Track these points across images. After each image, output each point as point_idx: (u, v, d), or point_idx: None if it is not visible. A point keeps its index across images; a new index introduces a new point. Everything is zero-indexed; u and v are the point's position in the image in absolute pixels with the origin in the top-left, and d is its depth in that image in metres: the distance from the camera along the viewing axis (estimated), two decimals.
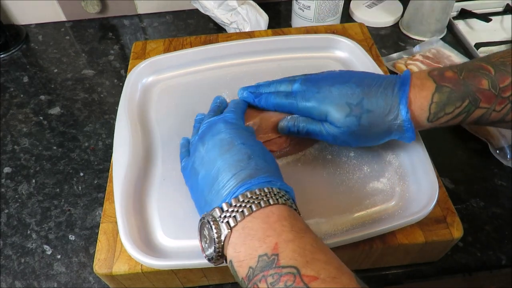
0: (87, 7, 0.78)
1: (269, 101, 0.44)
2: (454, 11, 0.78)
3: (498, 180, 0.53)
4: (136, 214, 0.41)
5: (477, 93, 0.36)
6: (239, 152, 0.34)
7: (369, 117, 0.38)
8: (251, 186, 0.32)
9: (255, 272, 0.28)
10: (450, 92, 0.37)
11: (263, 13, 0.74)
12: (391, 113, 0.38)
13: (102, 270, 0.39)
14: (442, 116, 0.38)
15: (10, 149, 0.61)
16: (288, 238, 0.29)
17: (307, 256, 0.28)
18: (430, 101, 0.37)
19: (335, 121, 0.40)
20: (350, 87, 0.40)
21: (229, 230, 0.30)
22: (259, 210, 0.30)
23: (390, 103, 0.38)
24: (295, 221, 0.30)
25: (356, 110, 0.39)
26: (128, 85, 0.52)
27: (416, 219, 0.39)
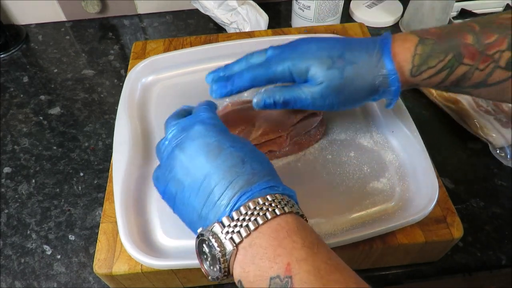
0: (87, 7, 0.78)
1: (243, 77, 0.39)
2: (454, 11, 0.78)
3: (498, 180, 0.53)
4: (136, 214, 0.41)
5: (461, 47, 0.35)
6: (231, 156, 0.30)
7: (353, 68, 0.36)
8: (252, 194, 0.29)
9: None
10: (433, 44, 0.36)
11: (263, 13, 0.74)
12: (375, 64, 0.36)
13: (102, 270, 0.39)
14: (425, 70, 0.36)
15: (10, 149, 0.61)
16: (301, 256, 0.26)
17: (323, 277, 0.25)
18: (413, 52, 0.36)
19: (316, 75, 0.37)
20: (329, 42, 0.38)
21: (235, 247, 0.28)
22: (266, 224, 0.28)
23: (373, 54, 0.37)
24: (305, 234, 0.28)
25: (339, 62, 0.37)
26: (128, 84, 0.52)
27: (416, 219, 0.39)
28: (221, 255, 0.28)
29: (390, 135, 0.47)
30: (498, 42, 0.35)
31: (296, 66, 0.38)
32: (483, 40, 0.35)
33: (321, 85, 0.37)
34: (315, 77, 0.37)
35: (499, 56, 0.35)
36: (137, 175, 0.44)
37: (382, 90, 0.38)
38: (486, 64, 0.35)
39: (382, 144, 0.47)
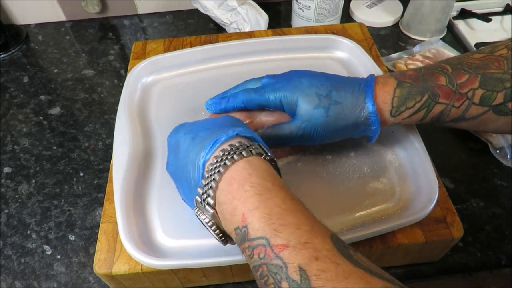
0: (87, 7, 0.78)
1: (237, 98, 0.43)
2: (454, 11, 0.78)
3: (498, 180, 0.54)
4: (136, 214, 0.41)
5: (435, 88, 0.38)
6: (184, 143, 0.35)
7: (337, 108, 0.39)
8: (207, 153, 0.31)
9: (239, 245, 0.29)
10: (410, 87, 0.38)
11: (263, 13, 0.74)
12: (358, 105, 0.39)
13: (102, 270, 0.39)
14: (404, 111, 0.39)
15: (10, 149, 0.61)
16: (253, 205, 0.28)
17: (274, 223, 0.27)
18: (392, 95, 0.39)
19: (304, 113, 0.39)
20: (319, 79, 0.41)
21: (214, 210, 0.30)
22: (222, 180, 0.30)
23: (357, 96, 0.39)
24: (258, 180, 0.29)
25: (325, 101, 0.39)
26: (128, 85, 0.52)
27: (416, 219, 0.39)
28: (208, 220, 0.31)
29: (390, 135, 0.47)
30: (469, 82, 0.37)
31: (286, 99, 0.40)
32: (455, 80, 0.38)
33: (307, 122, 0.40)
34: (303, 114, 0.40)
35: (472, 94, 0.37)
36: (137, 175, 0.44)
37: (363, 128, 0.40)
38: (461, 102, 0.38)
39: (382, 144, 0.47)
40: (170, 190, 0.44)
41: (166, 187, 0.44)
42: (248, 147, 0.31)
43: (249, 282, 0.46)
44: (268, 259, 0.25)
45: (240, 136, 0.32)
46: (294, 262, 0.25)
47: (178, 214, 0.42)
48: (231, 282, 0.45)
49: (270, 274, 0.25)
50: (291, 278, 0.24)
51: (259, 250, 0.26)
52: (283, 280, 0.24)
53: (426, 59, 0.66)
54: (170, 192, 0.43)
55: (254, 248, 0.26)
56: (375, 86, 0.39)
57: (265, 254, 0.26)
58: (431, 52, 0.68)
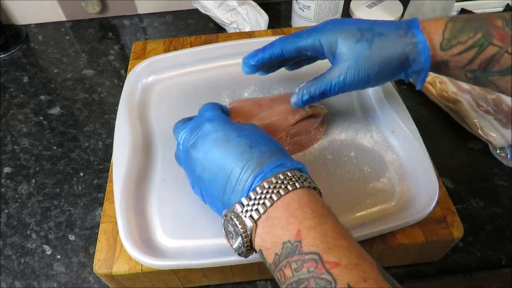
0: (87, 7, 0.78)
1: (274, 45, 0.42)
2: (454, 11, 0.78)
3: (498, 180, 0.54)
4: (136, 214, 0.41)
5: (490, 28, 0.36)
6: (239, 145, 0.33)
7: (381, 40, 0.37)
8: (264, 175, 0.31)
9: (281, 258, 0.29)
10: (464, 22, 0.37)
11: (263, 13, 0.74)
12: (404, 34, 0.37)
13: (102, 270, 0.39)
14: (455, 45, 0.37)
15: (10, 149, 0.61)
16: (310, 225, 0.29)
17: (329, 242, 0.28)
18: (443, 27, 0.37)
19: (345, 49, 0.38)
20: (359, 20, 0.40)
21: (254, 223, 0.30)
22: (280, 200, 0.30)
23: (402, 27, 0.38)
24: (316, 206, 0.31)
25: (367, 34, 0.38)
26: (128, 85, 0.52)
27: (416, 219, 0.39)
28: (243, 231, 0.31)
29: (390, 135, 0.47)
30: None
31: (326, 38, 0.39)
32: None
33: (350, 60, 0.38)
34: (345, 52, 0.38)
35: None
36: (137, 175, 0.44)
37: (412, 62, 0.38)
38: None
39: (382, 144, 0.47)
40: (170, 190, 0.44)
41: (166, 187, 0.44)
42: (307, 179, 0.33)
43: (249, 282, 0.46)
44: (318, 273, 0.26)
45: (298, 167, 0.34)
46: (344, 279, 0.26)
47: (178, 214, 0.42)
48: (231, 282, 0.45)
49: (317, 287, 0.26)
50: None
51: (310, 264, 0.27)
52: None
53: None
54: (170, 192, 0.44)
55: (305, 262, 0.27)
56: (422, 21, 0.38)
57: (315, 268, 0.27)
58: None
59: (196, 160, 0.35)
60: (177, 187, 0.44)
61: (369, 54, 0.37)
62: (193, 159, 0.35)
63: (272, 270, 0.30)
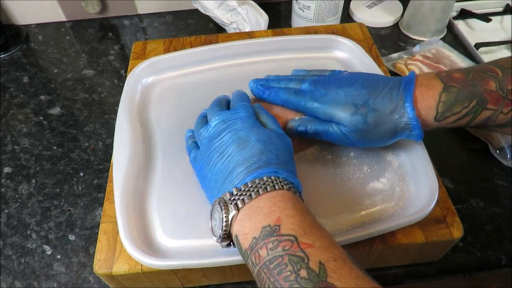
0: (87, 7, 0.78)
1: (278, 96, 0.45)
2: (454, 11, 0.78)
3: (498, 180, 0.54)
4: (136, 214, 0.41)
5: (484, 94, 0.37)
6: (253, 148, 0.36)
7: (375, 116, 0.39)
8: (259, 174, 0.34)
9: (258, 241, 0.31)
10: (457, 92, 0.37)
11: (263, 13, 0.74)
12: (396, 111, 0.38)
13: (102, 270, 0.39)
14: (450, 116, 0.38)
15: (10, 149, 0.61)
16: (290, 214, 0.32)
17: (305, 228, 0.31)
18: (437, 100, 0.38)
19: (341, 120, 0.41)
20: (356, 88, 0.41)
21: (237, 211, 0.33)
22: (266, 193, 0.33)
23: (395, 101, 0.39)
24: (298, 203, 0.33)
25: (362, 109, 0.39)
26: (128, 85, 0.52)
27: (416, 219, 0.39)
28: (225, 216, 0.33)
29: None
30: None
31: (322, 110, 0.42)
32: (505, 85, 0.37)
33: (346, 127, 0.41)
34: (340, 121, 0.41)
35: None
36: (137, 175, 0.44)
37: (405, 133, 0.40)
38: (510, 108, 0.37)
39: None
40: (170, 190, 0.44)
41: (166, 187, 0.44)
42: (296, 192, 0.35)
43: (249, 282, 0.46)
44: (293, 251, 0.29)
45: None
46: (316, 258, 0.28)
47: (178, 214, 0.42)
48: (231, 282, 0.45)
49: (291, 263, 0.28)
50: (311, 268, 0.28)
51: (285, 244, 0.29)
52: (302, 269, 0.28)
53: (426, 59, 0.66)
54: (170, 192, 0.44)
55: (281, 242, 0.30)
56: (416, 89, 0.38)
57: (290, 247, 0.29)
58: (431, 52, 0.68)
59: (217, 147, 0.38)
60: (177, 186, 0.44)
61: (363, 128, 0.40)
62: (214, 144, 0.38)
63: (247, 256, 0.31)
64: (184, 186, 0.43)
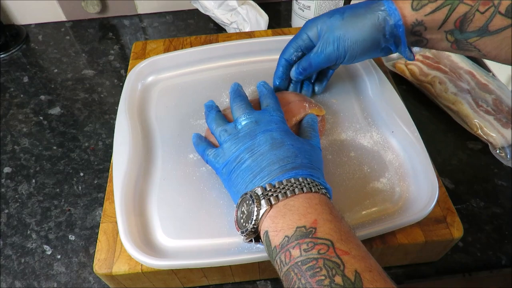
0: (87, 7, 0.78)
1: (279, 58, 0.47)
2: None
3: (498, 180, 0.54)
4: (136, 214, 0.41)
5: None
6: (288, 150, 0.36)
7: (352, 11, 0.41)
8: (295, 175, 0.34)
9: (290, 240, 0.30)
10: None
11: (263, 13, 0.74)
12: (374, 5, 0.40)
13: (102, 270, 0.39)
14: (426, 4, 0.38)
15: (10, 149, 0.61)
16: (328, 218, 0.31)
17: (342, 235, 0.30)
18: None
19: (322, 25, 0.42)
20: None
21: (269, 206, 0.32)
22: (301, 194, 0.32)
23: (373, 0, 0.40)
24: (334, 210, 0.33)
25: (340, 10, 0.42)
26: (128, 85, 0.52)
27: (416, 219, 0.39)
28: (256, 210, 0.32)
29: (390, 135, 0.47)
30: None
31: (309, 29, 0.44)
32: None
33: (326, 33, 0.42)
34: (322, 29, 0.42)
35: (499, 3, 0.36)
36: (137, 175, 0.44)
37: (387, 29, 0.40)
38: (486, 8, 0.36)
39: (382, 144, 0.47)
40: (170, 190, 0.44)
41: (166, 187, 0.44)
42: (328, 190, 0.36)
43: (249, 282, 0.46)
44: (329, 256, 0.28)
45: None
46: (352, 266, 0.28)
47: (178, 214, 0.42)
48: (231, 282, 0.45)
49: (325, 267, 0.28)
50: (346, 276, 0.27)
51: (321, 247, 0.29)
52: (337, 275, 0.27)
53: (426, 59, 0.66)
54: (170, 192, 0.44)
55: (317, 245, 0.29)
56: None
57: (326, 251, 0.28)
58: (431, 52, 0.68)
59: (248, 145, 0.37)
60: (177, 187, 0.44)
61: (341, 23, 0.41)
62: (244, 143, 0.38)
63: (276, 254, 0.30)
64: (184, 186, 0.43)
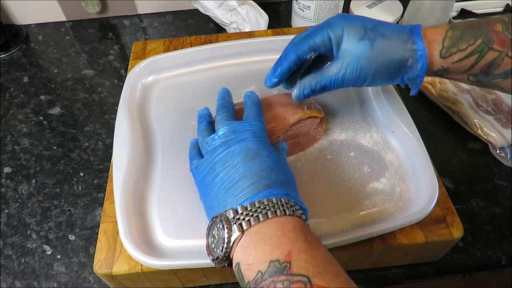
0: (87, 7, 0.78)
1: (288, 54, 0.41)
2: (454, 11, 0.78)
3: (498, 180, 0.54)
4: (136, 214, 0.41)
5: (490, 34, 0.37)
6: (263, 163, 0.34)
7: (383, 41, 0.38)
8: (269, 194, 0.32)
9: (264, 276, 0.28)
10: (464, 29, 0.38)
11: (263, 13, 0.74)
12: (404, 39, 0.38)
13: (102, 270, 0.39)
14: (455, 53, 0.38)
15: (10, 149, 0.61)
16: (302, 248, 0.29)
17: (318, 266, 0.28)
18: (443, 35, 0.38)
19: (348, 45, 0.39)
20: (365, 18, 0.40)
21: (241, 233, 0.30)
22: (275, 218, 0.30)
23: (404, 31, 0.38)
24: (308, 234, 0.31)
25: (370, 33, 0.38)
26: (128, 85, 0.52)
27: (416, 219, 0.39)
28: (227, 237, 0.30)
29: (390, 135, 0.47)
30: None
31: (334, 31, 0.39)
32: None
33: (351, 57, 0.38)
34: (347, 48, 0.39)
35: None
36: (137, 175, 0.44)
37: (409, 67, 0.39)
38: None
39: (382, 144, 0.47)
40: (170, 190, 0.44)
41: (166, 187, 0.44)
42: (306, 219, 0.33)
43: None
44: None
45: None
46: None
47: (178, 214, 0.42)
48: (231, 282, 0.45)
49: None
50: None
51: (298, 286, 0.27)
52: None
53: None
54: (170, 192, 0.44)
55: (293, 283, 0.27)
56: (423, 28, 0.38)
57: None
58: None
59: (222, 156, 0.36)
60: (177, 187, 0.44)
61: (369, 54, 0.38)
62: (220, 153, 0.36)
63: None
64: (184, 186, 0.43)
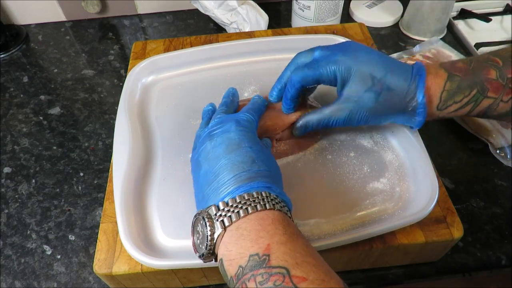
0: (87, 7, 0.78)
1: (293, 82, 0.41)
2: (454, 11, 0.78)
3: (498, 180, 0.53)
4: (136, 214, 0.41)
5: (485, 83, 0.37)
6: (245, 154, 0.34)
7: (388, 95, 0.39)
8: (249, 188, 0.32)
9: (245, 271, 0.28)
10: (460, 81, 0.38)
11: (263, 13, 0.74)
12: (408, 95, 0.38)
13: (102, 270, 0.39)
14: (451, 105, 0.38)
15: (10, 149, 0.61)
16: (281, 240, 0.29)
17: (297, 258, 0.28)
18: (442, 88, 0.38)
19: (353, 92, 0.39)
20: (374, 57, 0.40)
21: (223, 229, 0.30)
22: (254, 213, 0.31)
23: (409, 84, 0.38)
24: (288, 226, 0.31)
25: (377, 85, 0.38)
26: (128, 85, 0.52)
27: (416, 219, 0.39)
28: (210, 234, 0.31)
29: (390, 135, 0.47)
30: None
31: (341, 72, 0.39)
32: (506, 74, 0.37)
33: (354, 105, 0.39)
34: (352, 94, 0.39)
35: None
36: (137, 175, 0.44)
37: (407, 118, 0.40)
38: (510, 97, 0.38)
39: (382, 144, 0.47)
40: (170, 190, 0.44)
41: (166, 187, 0.44)
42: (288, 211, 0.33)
43: None
44: (285, 287, 0.26)
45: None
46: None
47: (178, 214, 0.42)
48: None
49: None
50: None
51: (277, 278, 0.27)
52: None
53: (426, 59, 0.66)
54: (170, 192, 0.44)
55: (272, 275, 0.27)
56: (427, 76, 0.38)
57: (282, 282, 0.26)
58: (431, 52, 0.68)
59: (205, 147, 0.36)
60: (177, 186, 0.44)
61: (373, 106, 0.39)
62: (204, 144, 0.36)
63: (233, 284, 0.29)
64: (184, 186, 0.43)
